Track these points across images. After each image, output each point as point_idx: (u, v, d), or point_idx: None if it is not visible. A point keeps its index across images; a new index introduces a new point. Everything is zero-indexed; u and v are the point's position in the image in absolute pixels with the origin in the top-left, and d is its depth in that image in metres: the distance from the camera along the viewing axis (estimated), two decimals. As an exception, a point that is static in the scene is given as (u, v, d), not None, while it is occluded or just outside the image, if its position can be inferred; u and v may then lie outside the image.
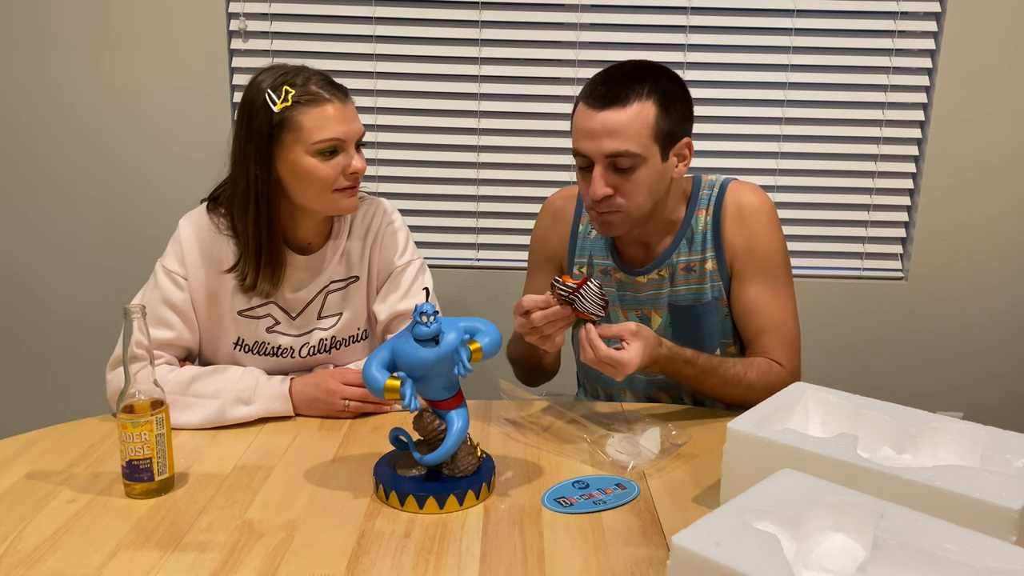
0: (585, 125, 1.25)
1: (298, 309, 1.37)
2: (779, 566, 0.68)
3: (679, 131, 1.28)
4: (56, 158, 2.15)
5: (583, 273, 1.45)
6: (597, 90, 1.25)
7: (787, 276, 1.38)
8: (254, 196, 1.27)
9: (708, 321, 1.39)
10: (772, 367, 1.32)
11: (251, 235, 1.29)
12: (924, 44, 2.09)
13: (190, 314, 1.33)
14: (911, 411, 1.01)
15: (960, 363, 2.26)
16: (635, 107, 1.23)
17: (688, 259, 1.38)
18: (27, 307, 2.24)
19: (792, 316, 1.37)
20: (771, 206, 1.37)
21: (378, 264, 1.41)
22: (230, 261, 1.32)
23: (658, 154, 1.26)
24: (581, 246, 1.46)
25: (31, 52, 2.09)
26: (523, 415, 1.33)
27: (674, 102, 1.27)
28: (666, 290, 1.39)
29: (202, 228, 1.33)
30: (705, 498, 1.08)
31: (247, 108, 1.26)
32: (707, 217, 1.37)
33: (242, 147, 1.27)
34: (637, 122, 1.23)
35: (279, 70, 1.28)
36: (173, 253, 1.33)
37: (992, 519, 0.78)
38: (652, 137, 1.24)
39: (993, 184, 2.15)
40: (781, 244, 1.37)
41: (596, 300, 1.15)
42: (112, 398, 1.29)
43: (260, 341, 1.37)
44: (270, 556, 0.93)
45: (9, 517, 1.01)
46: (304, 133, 1.24)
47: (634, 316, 1.43)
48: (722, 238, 1.36)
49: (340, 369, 1.36)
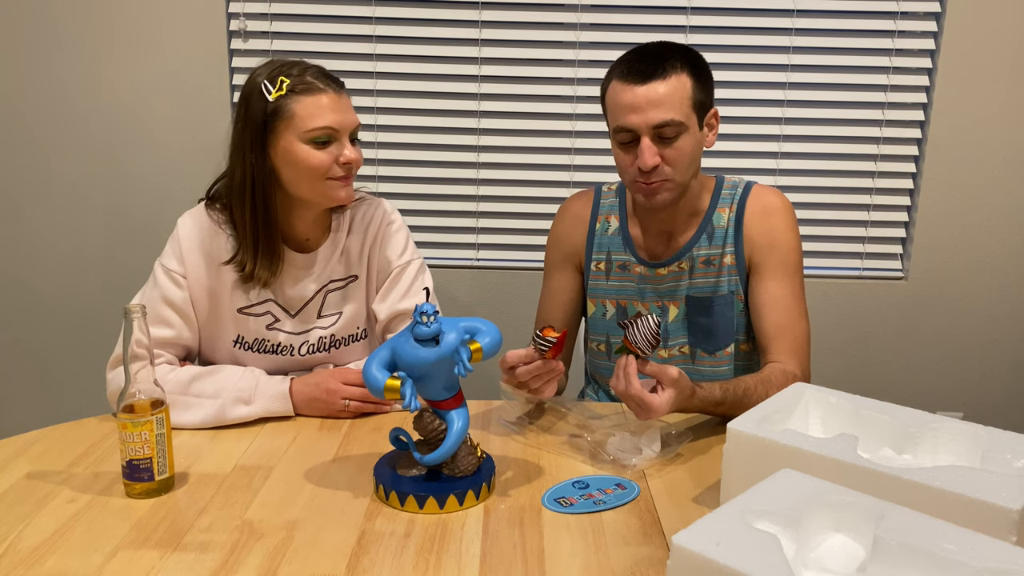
0: (628, 100, 1.31)
1: (297, 307, 1.38)
2: (779, 566, 0.68)
3: (709, 101, 1.36)
4: (56, 157, 2.15)
5: (601, 269, 1.48)
6: (635, 67, 1.31)
7: (802, 277, 1.43)
8: (250, 185, 1.28)
9: (723, 314, 1.42)
10: (788, 378, 1.32)
11: (248, 224, 1.30)
12: (924, 44, 2.09)
13: (189, 312, 1.33)
14: (911, 411, 1.01)
15: (960, 363, 2.26)
16: (674, 79, 1.30)
17: (708, 253, 1.42)
18: (28, 306, 2.24)
19: (805, 315, 1.40)
20: (792, 209, 1.43)
21: (378, 263, 1.41)
22: (228, 255, 1.33)
23: (696, 123, 1.33)
24: (599, 244, 1.50)
25: (31, 52, 2.09)
26: (523, 415, 1.33)
27: (703, 73, 1.34)
28: (685, 282, 1.43)
29: (201, 225, 1.34)
30: (705, 498, 1.08)
31: (244, 99, 1.28)
32: (730, 214, 1.42)
33: (238, 138, 1.28)
34: (678, 92, 1.30)
35: (276, 63, 1.29)
36: (172, 252, 1.33)
37: (992, 519, 0.78)
38: (691, 106, 1.31)
39: (993, 184, 2.15)
40: (799, 245, 1.42)
41: (648, 336, 1.13)
42: (112, 398, 1.29)
43: (260, 338, 1.37)
44: (270, 556, 0.93)
45: (9, 517, 1.01)
46: (297, 120, 1.25)
47: (654, 308, 1.45)
48: (743, 234, 1.41)
49: (340, 369, 1.36)
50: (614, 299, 1.48)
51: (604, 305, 1.49)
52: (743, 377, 1.29)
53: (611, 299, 1.48)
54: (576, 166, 2.19)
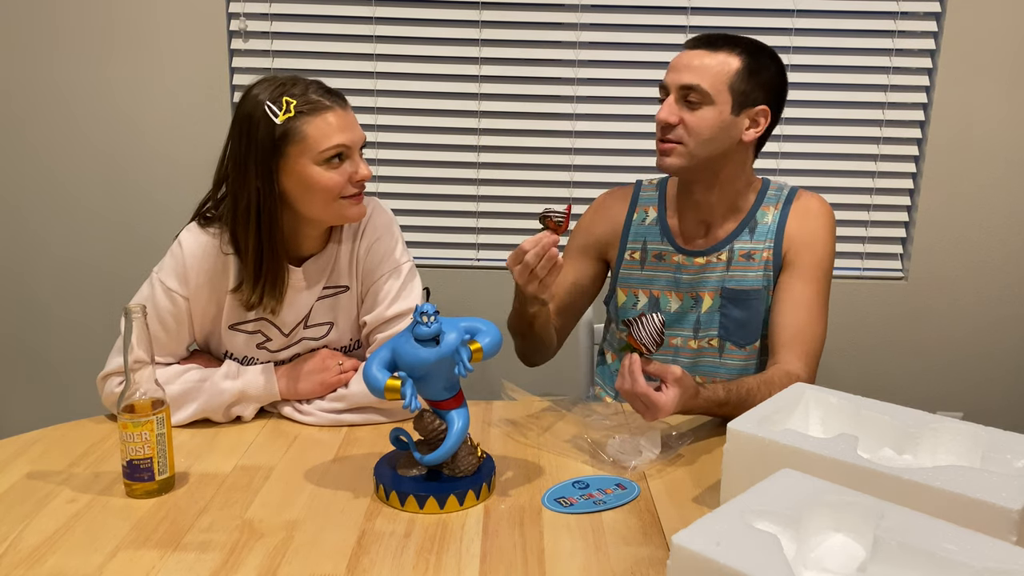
0: (674, 62, 1.37)
1: (291, 327, 1.35)
2: (779, 566, 0.68)
3: (758, 96, 1.36)
4: (56, 158, 2.15)
5: (636, 259, 1.50)
6: (698, 38, 1.37)
7: (829, 283, 1.45)
8: (255, 211, 1.24)
9: (755, 307, 1.43)
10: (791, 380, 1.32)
11: (252, 249, 1.26)
12: (924, 44, 2.09)
13: (182, 332, 1.32)
14: (911, 411, 1.01)
15: (960, 363, 2.26)
16: (722, 55, 1.34)
17: (750, 247, 1.44)
18: (28, 307, 2.25)
19: (824, 320, 1.41)
20: (833, 216, 1.46)
21: (367, 269, 1.37)
22: (232, 277, 1.30)
23: (729, 104, 1.34)
24: (635, 233, 1.51)
25: (31, 52, 2.09)
26: (523, 415, 1.33)
27: (761, 72, 1.35)
28: (722, 273, 1.44)
29: (204, 247, 1.29)
30: (705, 498, 1.08)
31: (245, 123, 1.23)
32: (775, 212, 1.44)
33: (242, 162, 1.23)
34: (717, 66, 1.33)
35: (273, 82, 1.24)
36: (173, 270, 1.29)
37: (992, 519, 0.78)
38: (727, 85, 1.33)
39: (993, 184, 2.15)
40: (833, 252, 1.44)
41: (653, 333, 1.14)
42: (107, 404, 1.29)
43: (248, 356, 1.35)
44: (270, 556, 0.93)
45: (9, 517, 1.01)
46: (310, 143, 1.22)
47: (688, 299, 1.46)
48: (784, 233, 1.43)
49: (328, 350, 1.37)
50: (647, 289, 1.49)
51: (636, 295, 1.50)
52: (746, 378, 1.29)
53: (644, 288, 1.49)
54: (576, 166, 2.19)
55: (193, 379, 1.27)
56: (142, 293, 1.31)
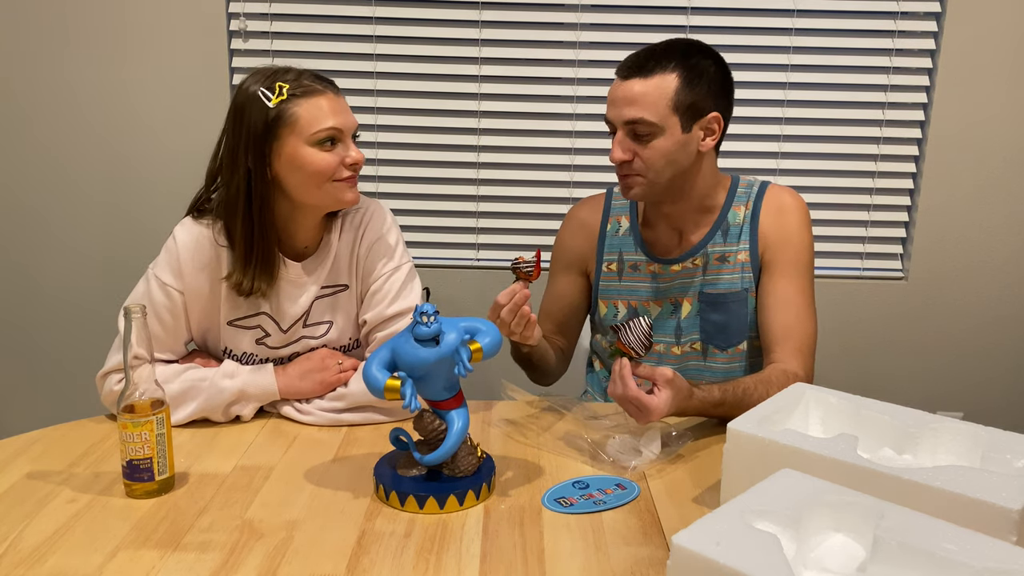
0: (612, 94, 1.34)
1: (290, 322, 1.35)
2: (779, 566, 0.68)
3: (705, 105, 1.32)
4: (57, 156, 2.15)
5: (613, 270, 1.49)
6: (627, 62, 1.33)
7: (812, 277, 1.43)
8: (245, 196, 1.25)
9: (736, 311, 1.42)
10: (789, 378, 1.32)
11: (242, 235, 1.26)
12: (924, 44, 2.09)
13: (180, 328, 1.32)
14: (911, 411, 1.01)
15: (960, 363, 2.26)
16: (656, 79, 1.29)
17: (723, 250, 1.42)
18: (29, 305, 2.25)
19: (813, 315, 1.40)
20: (807, 210, 1.43)
21: (367, 269, 1.38)
22: (227, 270, 1.30)
23: (678, 124, 1.31)
24: (610, 245, 1.50)
25: (30, 52, 2.09)
26: (523, 415, 1.33)
27: (701, 77, 1.31)
28: (698, 279, 1.43)
29: (199, 239, 1.30)
30: (705, 498, 1.08)
31: (237, 111, 1.25)
32: (745, 212, 1.42)
33: (233, 149, 1.25)
34: (655, 93, 1.29)
35: (266, 71, 1.27)
36: (168, 265, 1.29)
37: (992, 519, 0.78)
38: (671, 108, 1.30)
39: (993, 184, 2.15)
40: (811, 245, 1.43)
41: (641, 337, 1.14)
42: (107, 403, 1.29)
43: (248, 352, 1.36)
44: (270, 556, 0.93)
45: (9, 517, 1.01)
46: (303, 124, 1.23)
47: (668, 304, 1.45)
48: (757, 231, 1.41)
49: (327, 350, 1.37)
50: (626, 300, 1.48)
51: (616, 306, 1.49)
52: (742, 378, 1.29)
53: (623, 300, 1.48)
54: (576, 166, 2.19)
55: (192, 378, 1.27)
56: (138, 289, 1.31)
